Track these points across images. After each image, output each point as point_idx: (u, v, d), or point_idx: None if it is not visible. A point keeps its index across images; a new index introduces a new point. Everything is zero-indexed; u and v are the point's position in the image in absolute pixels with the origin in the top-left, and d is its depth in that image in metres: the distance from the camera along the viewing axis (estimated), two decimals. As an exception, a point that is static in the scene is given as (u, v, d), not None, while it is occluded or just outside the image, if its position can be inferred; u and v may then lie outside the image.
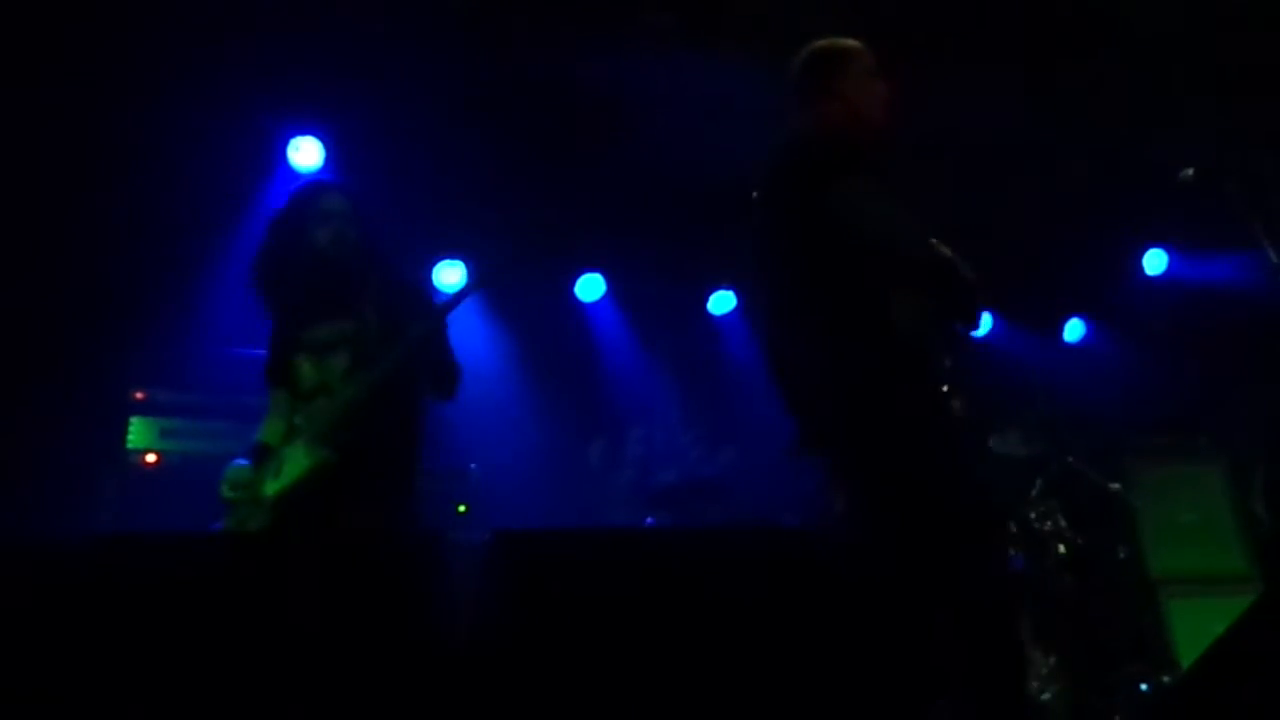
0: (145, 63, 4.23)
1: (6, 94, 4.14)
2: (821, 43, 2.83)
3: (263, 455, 2.97)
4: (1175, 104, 4.92)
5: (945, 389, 2.56)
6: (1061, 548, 4.09)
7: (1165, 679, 3.85)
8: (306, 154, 5.06)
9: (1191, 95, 4.89)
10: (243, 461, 2.97)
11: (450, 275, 5.96)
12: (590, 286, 6.34)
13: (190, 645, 1.52)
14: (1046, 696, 3.70)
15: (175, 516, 3.96)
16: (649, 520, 5.41)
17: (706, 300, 6.66)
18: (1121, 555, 4.77)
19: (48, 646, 1.50)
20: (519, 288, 6.16)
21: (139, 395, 4.72)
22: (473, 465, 5.12)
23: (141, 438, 4.67)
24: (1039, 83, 4.88)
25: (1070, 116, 4.91)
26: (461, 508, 4.91)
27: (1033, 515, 4.25)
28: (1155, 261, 6.59)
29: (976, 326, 2.66)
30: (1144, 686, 3.83)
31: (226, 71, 4.41)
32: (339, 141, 5.10)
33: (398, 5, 4.37)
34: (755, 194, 2.66)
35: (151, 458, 4.67)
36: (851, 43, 2.81)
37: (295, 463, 2.90)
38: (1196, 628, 4.39)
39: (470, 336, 6.13)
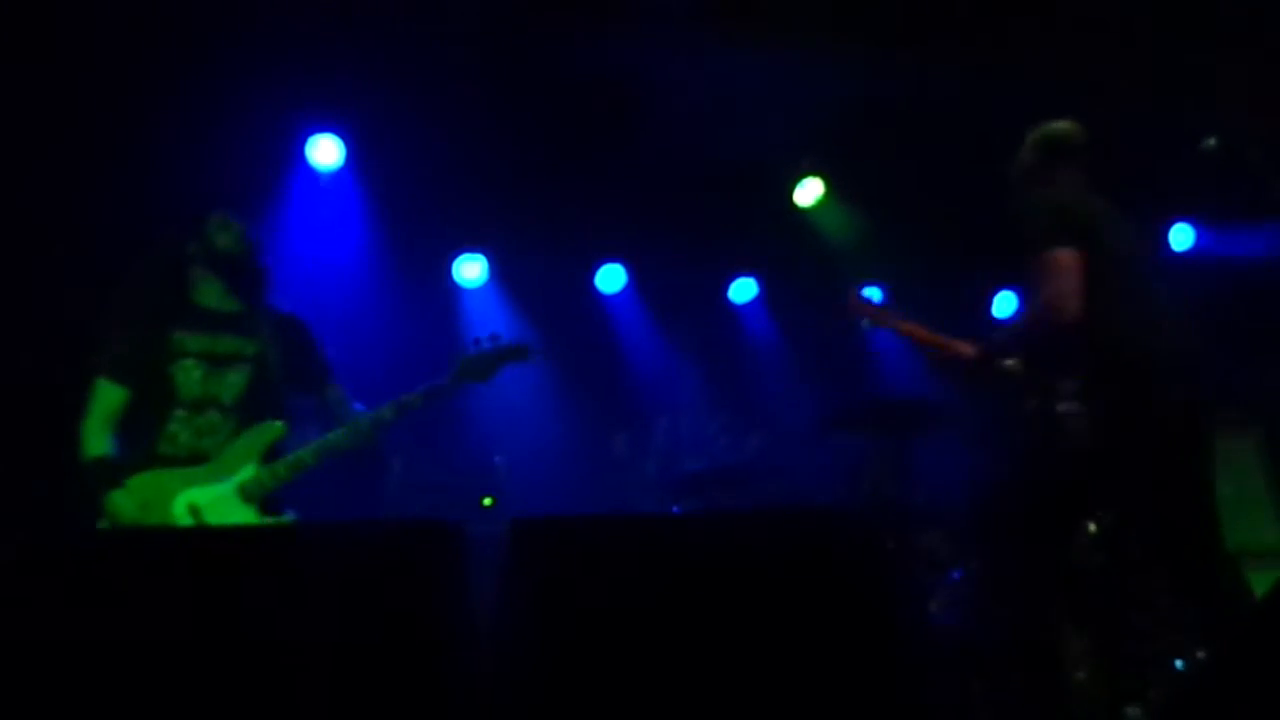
0: (163, 62, 4.25)
1: (25, 90, 4.18)
2: None
3: (107, 474, 2.80)
4: (1198, 72, 4.83)
5: None
6: (1092, 526, 4.04)
7: (1200, 655, 3.79)
8: (326, 151, 5.09)
9: (1216, 62, 4.80)
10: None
11: (470, 269, 5.98)
12: (611, 277, 6.34)
13: (206, 640, 1.53)
14: (1081, 676, 3.66)
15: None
16: (675, 509, 5.40)
17: (727, 288, 6.64)
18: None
19: (58, 644, 1.51)
20: (540, 281, 6.18)
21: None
22: (498, 458, 5.13)
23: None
24: (1056, 54, 4.80)
25: (1089, 87, 4.83)
26: (488, 500, 4.93)
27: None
28: (1181, 237, 6.48)
29: None
30: (1179, 663, 3.78)
31: (246, 70, 4.43)
32: (357, 138, 5.12)
33: (415, 3, 4.37)
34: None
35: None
36: None
37: (227, 515, 2.84)
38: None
39: (493, 329, 6.14)
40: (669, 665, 1.75)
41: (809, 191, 5.98)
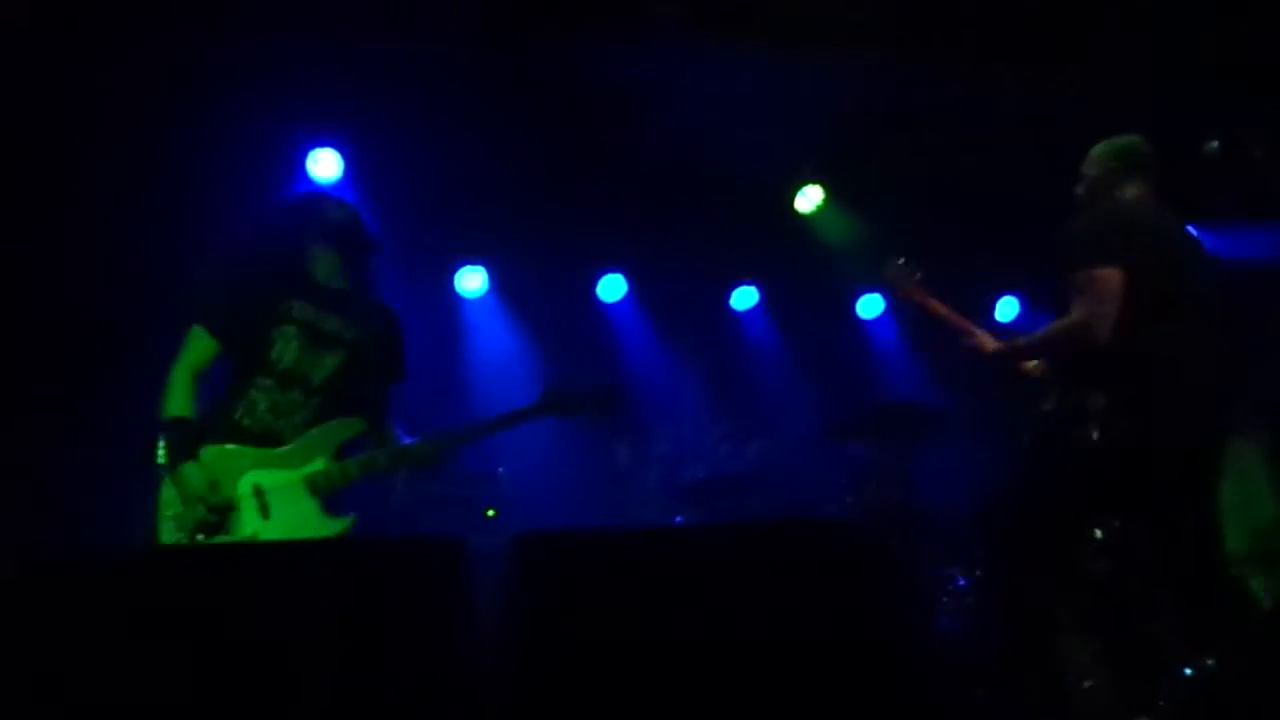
0: (164, 77, 4.27)
1: (31, 102, 4.20)
2: None
3: (184, 439, 2.71)
4: (1198, 72, 4.82)
5: None
6: (1098, 532, 4.02)
7: (1209, 663, 3.77)
8: (325, 165, 5.10)
9: (1215, 63, 4.79)
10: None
11: (472, 280, 5.99)
12: (612, 287, 6.34)
13: (217, 655, 1.53)
14: (1088, 684, 3.64)
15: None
16: (678, 519, 5.39)
17: (729, 296, 6.64)
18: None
19: (84, 655, 1.51)
20: (541, 291, 6.18)
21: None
22: (500, 469, 5.13)
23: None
24: (1055, 59, 4.81)
25: (1086, 88, 4.83)
26: (490, 512, 4.92)
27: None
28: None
29: None
30: (1188, 671, 3.76)
31: (247, 86, 4.44)
32: (357, 152, 5.12)
33: (412, 16, 4.38)
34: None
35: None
36: None
37: (297, 522, 2.77)
38: (1240, 610, 4.32)
39: (494, 339, 6.16)
40: (673, 678, 1.74)
41: (809, 199, 5.98)
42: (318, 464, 2.82)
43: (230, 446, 2.77)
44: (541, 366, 6.12)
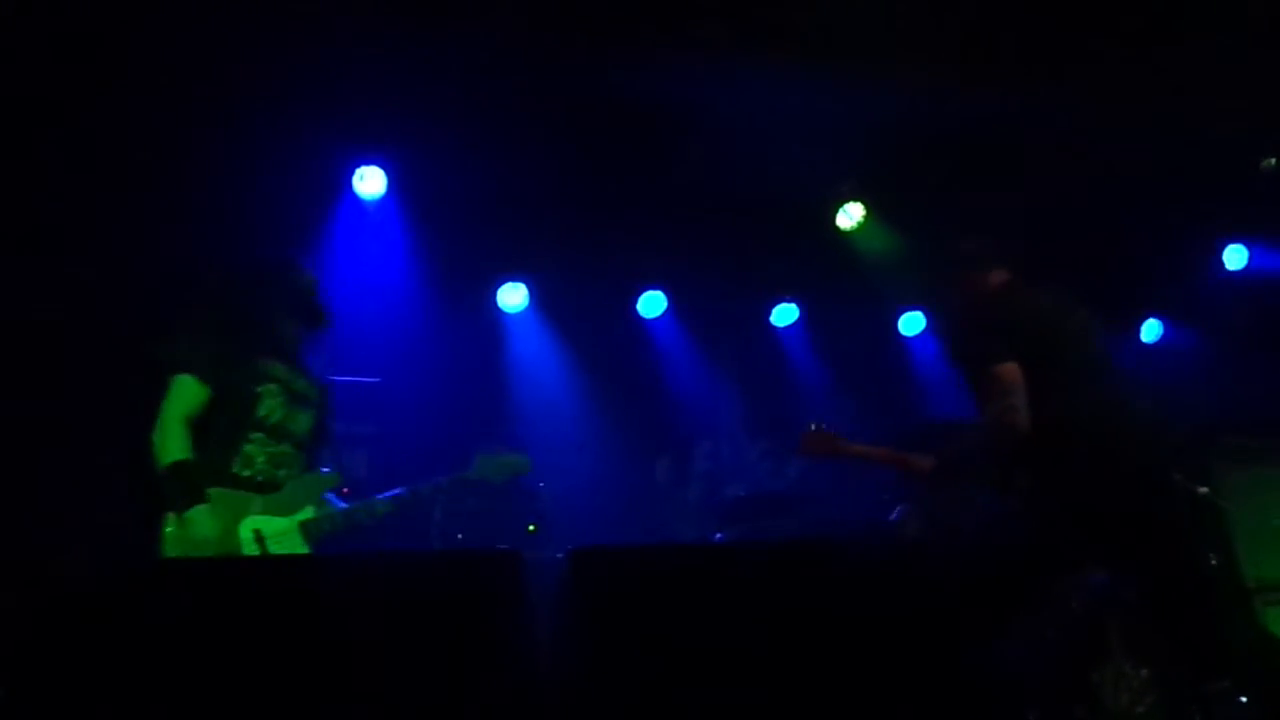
0: (212, 96, 4.36)
1: (73, 121, 4.30)
2: None
3: (189, 482, 2.78)
4: (1254, 90, 4.75)
5: None
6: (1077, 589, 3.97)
7: (1265, 690, 3.69)
8: (371, 183, 5.17)
9: (1271, 80, 4.72)
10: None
11: (513, 296, 6.03)
12: (652, 303, 6.35)
13: (268, 667, 1.55)
14: (1140, 710, 3.57)
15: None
16: (718, 536, 5.37)
17: (769, 313, 6.62)
18: (1214, 562, 4.58)
19: (119, 667, 1.53)
20: (582, 307, 6.21)
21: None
22: (541, 484, 5.14)
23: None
24: (1112, 74, 4.76)
25: (1142, 107, 4.78)
26: (531, 527, 4.93)
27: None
28: (1235, 257, 6.36)
29: None
30: (1243, 699, 3.67)
31: (293, 104, 4.52)
32: (401, 169, 5.19)
33: (456, 35, 4.44)
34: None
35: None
36: None
37: (288, 549, 2.95)
38: (1297, 636, 4.21)
39: (535, 357, 6.19)
40: (724, 690, 1.74)
41: (850, 216, 5.96)
42: (308, 512, 3.04)
43: (234, 491, 2.90)
44: (582, 382, 6.15)
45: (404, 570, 1.58)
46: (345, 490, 3.30)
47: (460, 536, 4.61)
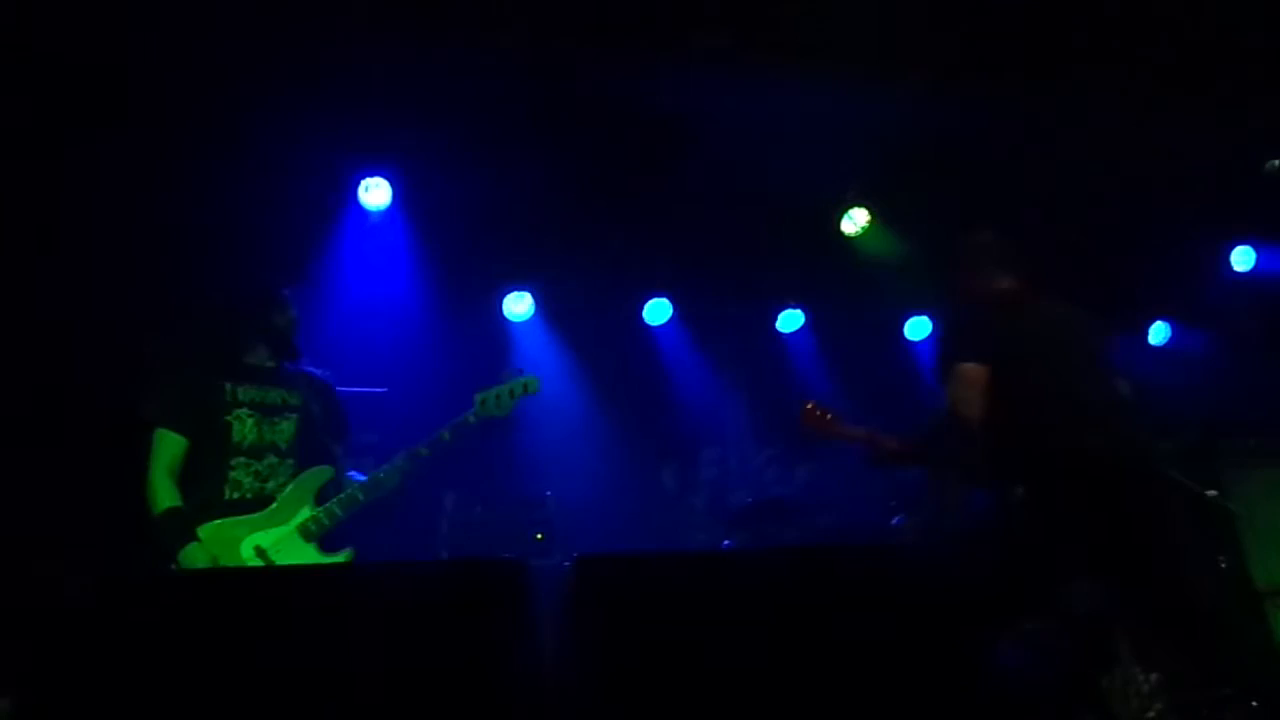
0: (217, 107, 4.38)
1: (91, 133, 4.33)
2: None
3: (179, 526, 2.94)
4: (1261, 91, 4.75)
5: None
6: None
7: (1275, 695, 3.66)
8: (376, 194, 5.19)
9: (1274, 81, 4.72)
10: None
11: (518, 304, 6.04)
12: (657, 310, 6.35)
13: (275, 677, 1.55)
14: (1150, 716, 3.55)
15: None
16: (726, 542, 5.36)
17: (774, 319, 6.62)
18: (1223, 565, 4.56)
19: (139, 675, 1.54)
20: (587, 315, 6.22)
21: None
22: (548, 493, 5.14)
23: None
24: (1118, 77, 4.76)
25: (1148, 109, 4.77)
26: (539, 536, 4.93)
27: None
28: (1243, 258, 6.35)
29: None
30: (1254, 703, 3.65)
31: (297, 116, 4.54)
32: (406, 180, 5.21)
33: (459, 46, 4.46)
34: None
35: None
36: None
37: (291, 554, 3.02)
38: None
39: (541, 366, 6.19)
40: (731, 696, 1.74)
41: (855, 221, 5.96)
42: (304, 513, 3.13)
43: (224, 520, 3.02)
44: (588, 389, 6.15)
45: (411, 580, 1.59)
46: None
47: (467, 546, 4.62)
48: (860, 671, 1.88)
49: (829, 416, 3.96)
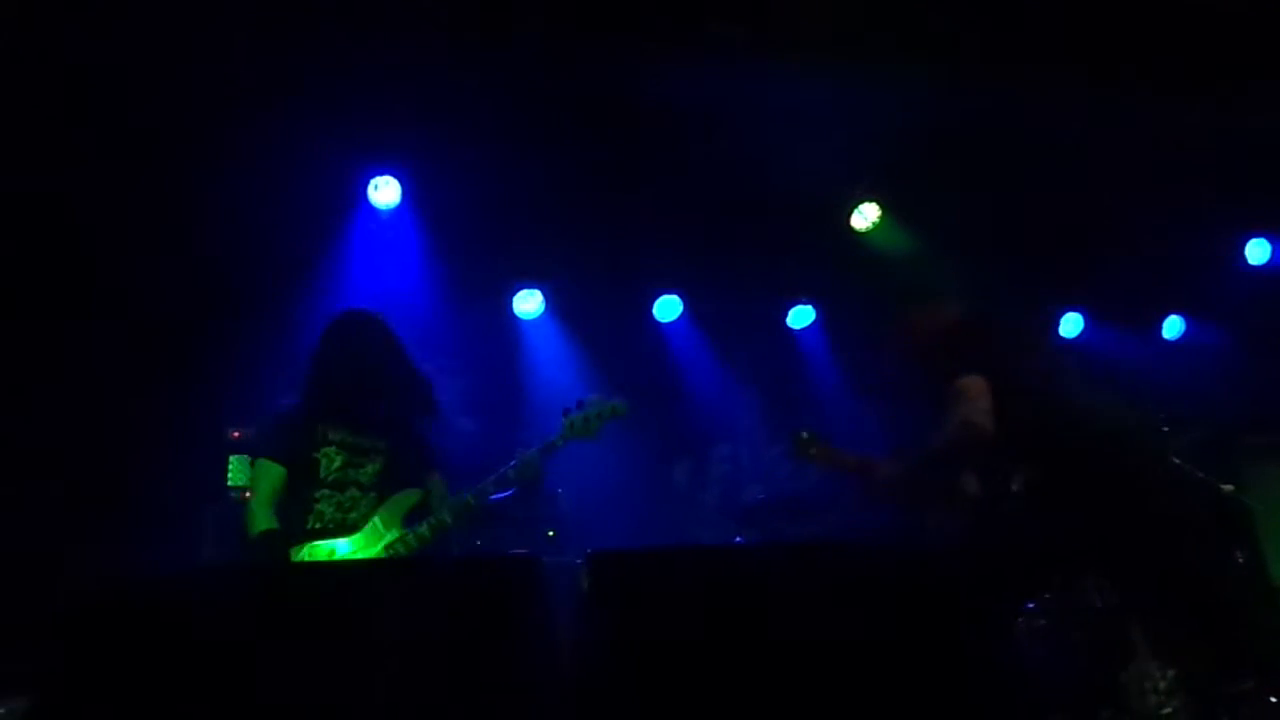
0: (228, 107, 4.39)
1: (95, 132, 4.35)
2: None
3: (272, 547, 3.13)
4: (1276, 84, 4.70)
5: None
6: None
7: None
8: (386, 193, 5.19)
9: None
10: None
11: (529, 302, 6.04)
12: (668, 307, 6.34)
13: (291, 672, 1.56)
14: (1167, 711, 3.53)
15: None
16: (738, 539, 5.35)
17: (785, 315, 6.60)
18: (1240, 561, 4.52)
19: (156, 673, 1.55)
20: (598, 312, 6.21)
21: (235, 434, 4.88)
22: (560, 489, 5.14)
23: (241, 475, 4.82)
24: (1131, 70, 4.73)
25: (1163, 102, 4.74)
26: (551, 532, 4.93)
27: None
28: (1258, 251, 6.30)
29: None
30: (1272, 699, 3.63)
31: (307, 115, 4.55)
32: (416, 178, 5.21)
33: (468, 44, 4.46)
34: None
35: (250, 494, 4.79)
36: None
37: None
38: (1327, 635, 4.16)
39: (552, 361, 6.20)
40: (744, 692, 1.73)
41: (866, 216, 5.94)
42: (392, 535, 3.27)
43: (314, 543, 3.21)
44: (599, 386, 6.13)
45: (424, 576, 1.60)
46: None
47: (479, 542, 4.61)
48: (876, 666, 1.87)
49: (820, 448, 3.94)
